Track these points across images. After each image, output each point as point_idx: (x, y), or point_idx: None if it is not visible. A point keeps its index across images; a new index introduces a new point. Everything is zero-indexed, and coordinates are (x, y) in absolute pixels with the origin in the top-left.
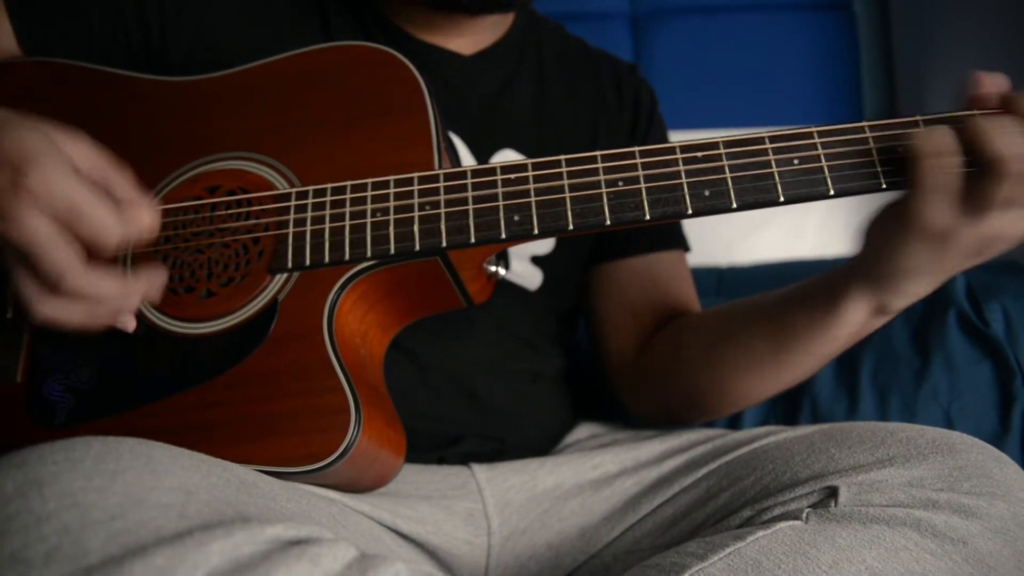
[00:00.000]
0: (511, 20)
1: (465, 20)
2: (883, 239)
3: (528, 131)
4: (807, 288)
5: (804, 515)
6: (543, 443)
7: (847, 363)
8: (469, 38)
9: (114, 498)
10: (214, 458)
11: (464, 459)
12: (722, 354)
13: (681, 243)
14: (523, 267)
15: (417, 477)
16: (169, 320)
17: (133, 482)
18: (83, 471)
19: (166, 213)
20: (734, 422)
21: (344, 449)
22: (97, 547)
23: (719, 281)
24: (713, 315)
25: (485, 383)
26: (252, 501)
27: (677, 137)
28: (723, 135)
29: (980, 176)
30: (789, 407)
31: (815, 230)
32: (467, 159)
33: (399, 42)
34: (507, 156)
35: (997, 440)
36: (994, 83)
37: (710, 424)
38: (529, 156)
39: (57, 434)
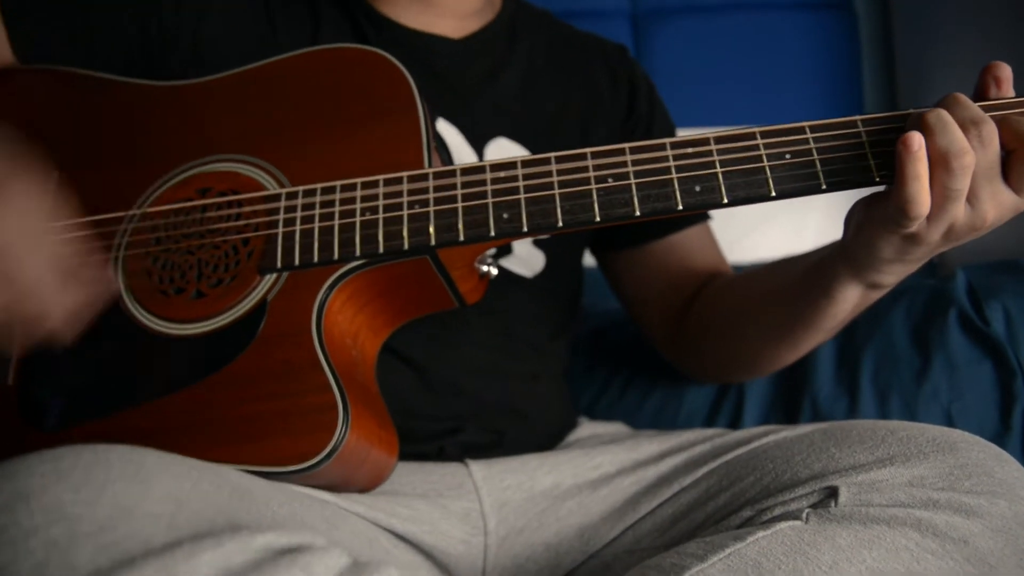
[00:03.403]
0: (498, 6)
1: None
2: (860, 233)
3: (520, 117)
4: (803, 276)
5: (804, 515)
6: (543, 438)
7: (847, 363)
8: (454, 21)
9: (103, 510)
10: (206, 463)
11: (463, 451)
12: (742, 329)
13: (705, 215)
14: (526, 249)
15: (413, 477)
16: (159, 321)
17: (122, 493)
18: (71, 483)
19: (158, 215)
20: (734, 422)
21: (332, 448)
22: (85, 561)
23: None
24: (735, 289)
25: (484, 385)
26: (244, 507)
27: (677, 134)
28: (715, 131)
29: (934, 172)
30: (789, 407)
31: (815, 229)
32: (462, 147)
33: (387, 31)
34: (501, 145)
35: (998, 440)
36: (1004, 74)
37: (710, 423)
38: (522, 143)
39: (48, 436)
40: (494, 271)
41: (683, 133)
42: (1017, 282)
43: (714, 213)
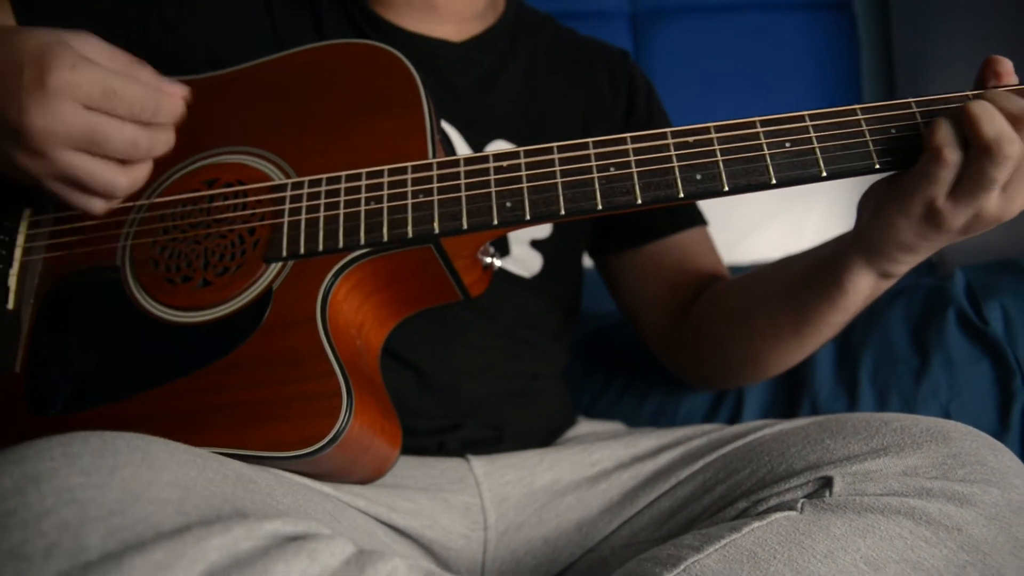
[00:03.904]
0: (501, 10)
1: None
2: (878, 215)
3: (520, 121)
4: (813, 267)
5: (799, 505)
6: (543, 433)
7: (847, 362)
8: (455, 25)
9: (112, 494)
10: (211, 453)
11: (463, 446)
12: (748, 330)
13: (702, 219)
14: (522, 251)
15: (415, 471)
16: (166, 309)
17: (131, 478)
18: (81, 467)
19: (165, 205)
20: (734, 418)
21: (336, 433)
22: (96, 543)
23: None
24: (738, 290)
25: (483, 385)
26: (249, 497)
27: None
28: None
29: (973, 160)
30: (789, 407)
31: (815, 229)
32: (461, 149)
33: (389, 35)
34: (500, 148)
35: (996, 438)
36: (1005, 68)
37: (709, 419)
38: (521, 146)
39: (54, 423)
40: (497, 263)
41: None
42: (1016, 281)
43: (713, 215)
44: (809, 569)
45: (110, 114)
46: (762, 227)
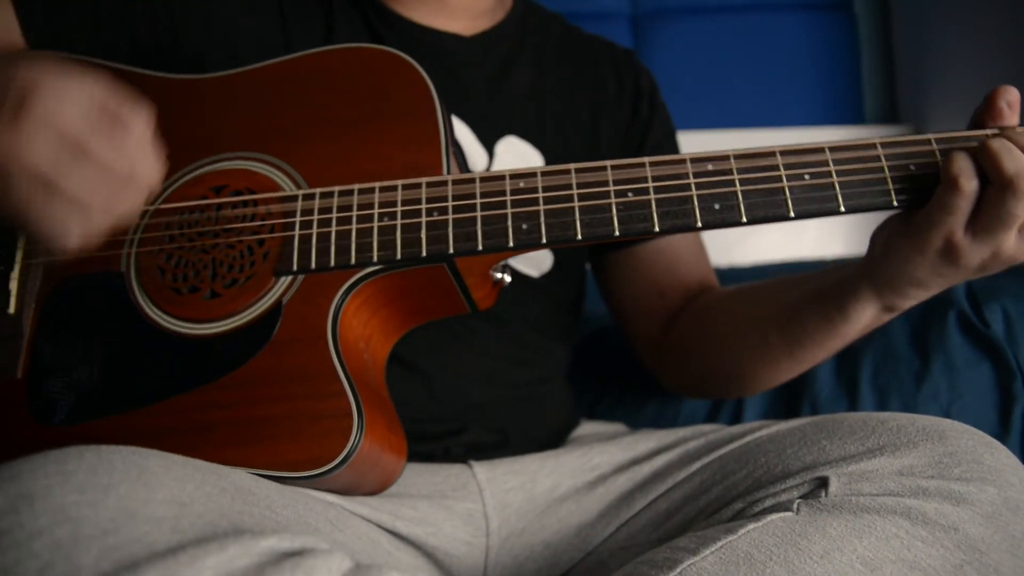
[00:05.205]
0: (509, 6)
1: None
2: (892, 249)
3: (530, 116)
4: (818, 291)
5: (795, 506)
6: (548, 435)
7: (847, 364)
8: (466, 20)
9: (107, 512)
10: (209, 464)
11: (467, 451)
12: (739, 347)
13: None
14: None
15: (418, 478)
16: (172, 320)
17: (126, 495)
18: (75, 485)
19: (171, 212)
20: (735, 419)
21: (346, 455)
22: (89, 563)
23: (720, 282)
24: (730, 305)
25: (489, 391)
26: (247, 510)
27: (678, 137)
28: (733, 148)
29: (993, 196)
30: (789, 408)
31: (815, 231)
32: (473, 145)
33: (399, 29)
34: (511, 143)
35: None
36: (1010, 98)
37: (710, 420)
38: (532, 142)
39: (57, 433)
40: (507, 278)
41: (683, 136)
42: (1016, 284)
43: None
44: (805, 570)
45: (82, 153)
46: (763, 228)
